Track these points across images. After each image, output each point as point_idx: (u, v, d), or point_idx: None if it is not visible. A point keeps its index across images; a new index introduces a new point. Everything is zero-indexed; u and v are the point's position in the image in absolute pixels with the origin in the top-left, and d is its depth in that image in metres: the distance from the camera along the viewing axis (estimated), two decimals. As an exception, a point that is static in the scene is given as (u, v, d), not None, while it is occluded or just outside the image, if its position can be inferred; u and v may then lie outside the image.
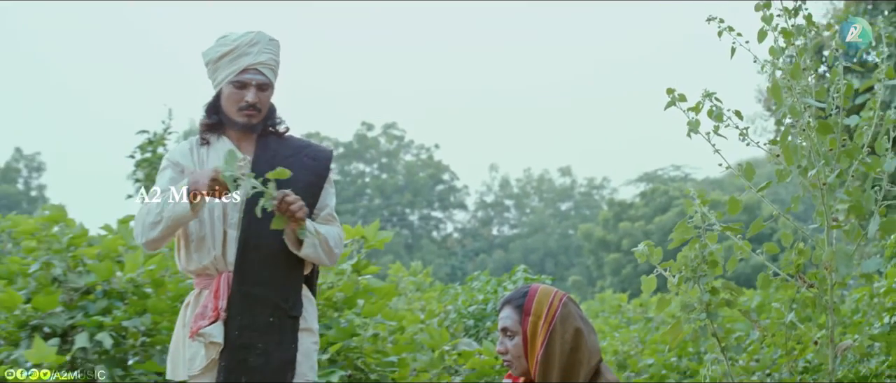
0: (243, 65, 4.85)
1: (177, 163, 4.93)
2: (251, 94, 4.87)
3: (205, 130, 4.98)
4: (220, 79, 4.88)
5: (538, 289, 4.38)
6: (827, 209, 5.57)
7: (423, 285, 15.91)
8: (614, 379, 4.28)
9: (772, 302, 9.15)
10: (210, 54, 4.91)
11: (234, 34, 4.92)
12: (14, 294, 7.90)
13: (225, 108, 4.92)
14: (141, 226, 4.73)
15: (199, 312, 4.78)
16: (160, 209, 4.65)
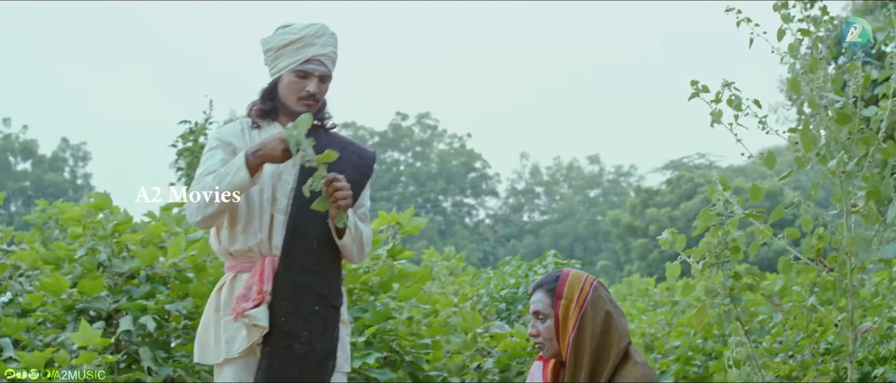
0: (308, 55, 4.86)
1: (229, 143, 4.90)
2: (313, 84, 4.89)
3: (259, 115, 4.97)
4: (282, 66, 4.88)
5: (570, 274, 4.48)
6: (846, 195, 5.65)
7: (456, 270, 15.98)
8: (642, 361, 4.36)
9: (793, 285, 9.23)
10: (273, 41, 4.91)
11: (299, 24, 4.92)
12: (61, 279, 8.03)
13: (283, 96, 4.92)
14: (196, 203, 4.70)
15: (243, 294, 4.73)
16: (216, 182, 4.64)
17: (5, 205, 72.46)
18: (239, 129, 4.97)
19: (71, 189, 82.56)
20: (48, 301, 8.20)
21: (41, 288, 8.14)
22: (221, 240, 4.90)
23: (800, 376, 7.89)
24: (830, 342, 8.50)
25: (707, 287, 6.21)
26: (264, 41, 4.95)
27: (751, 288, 6.17)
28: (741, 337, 6.32)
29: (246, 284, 4.75)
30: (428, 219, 10.85)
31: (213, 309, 4.88)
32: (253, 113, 4.97)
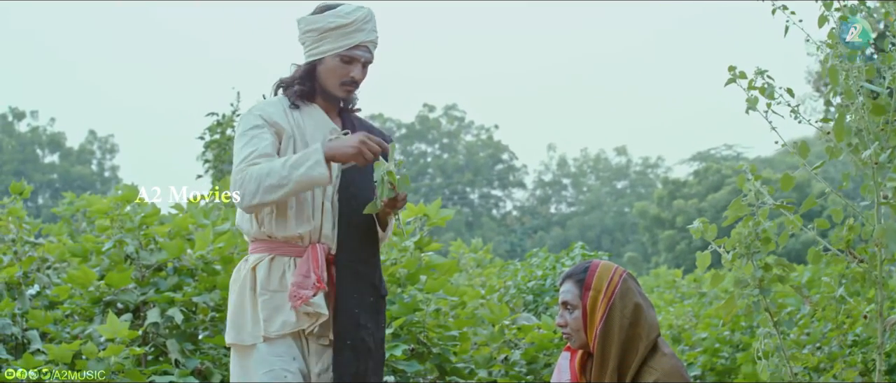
0: (357, 40, 4.75)
1: (275, 123, 4.72)
2: (357, 70, 4.79)
3: (298, 96, 4.82)
4: (326, 49, 4.73)
5: (599, 265, 4.48)
6: (877, 186, 5.63)
7: (483, 261, 16.01)
8: (671, 353, 4.36)
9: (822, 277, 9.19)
10: (318, 22, 4.74)
11: (346, 5, 4.79)
12: (88, 271, 8.05)
13: (323, 78, 4.79)
14: (256, 187, 4.49)
15: (299, 281, 4.59)
16: (288, 172, 4.48)
17: (33, 198, 72.78)
18: (282, 109, 4.79)
19: (98, 181, 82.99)
20: (76, 293, 8.24)
21: (69, 280, 8.18)
22: (264, 223, 4.72)
23: (827, 368, 7.86)
24: (858, 333, 8.47)
25: (736, 278, 6.20)
26: (306, 21, 4.79)
27: (780, 279, 6.16)
28: (770, 329, 6.32)
29: (300, 271, 4.63)
30: (455, 210, 10.81)
31: (249, 288, 4.71)
32: (292, 94, 4.83)
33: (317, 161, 4.47)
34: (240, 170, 4.57)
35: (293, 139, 4.72)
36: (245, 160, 4.59)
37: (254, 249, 4.79)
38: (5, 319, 7.93)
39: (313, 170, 4.47)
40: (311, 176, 4.48)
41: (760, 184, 6.13)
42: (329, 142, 4.62)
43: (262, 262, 4.70)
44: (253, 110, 4.78)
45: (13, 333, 8.00)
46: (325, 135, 4.75)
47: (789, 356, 6.31)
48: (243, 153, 4.62)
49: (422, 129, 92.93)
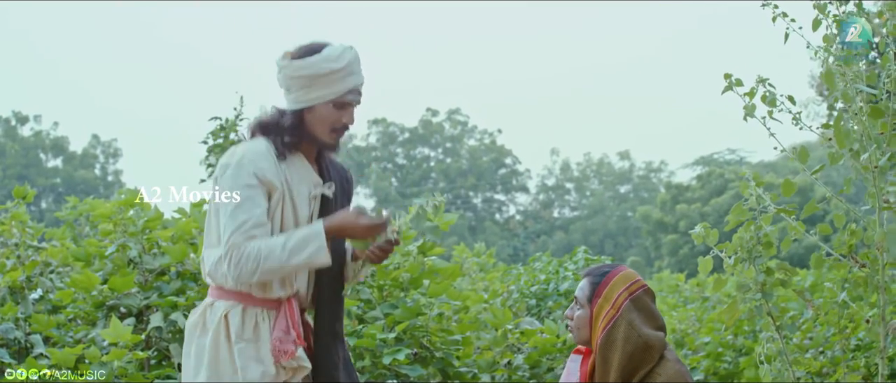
0: (350, 85, 4.51)
1: (268, 181, 4.42)
2: (349, 115, 4.57)
3: (287, 148, 4.53)
4: (316, 97, 4.48)
5: (617, 275, 4.46)
6: (878, 191, 5.63)
7: (486, 266, 16.02)
8: (675, 359, 4.35)
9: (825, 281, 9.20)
10: (310, 69, 4.45)
11: (334, 48, 4.51)
12: (91, 275, 8.04)
13: (312, 126, 4.53)
14: (254, 267, 4.29)
15: (281, 337, 4.45)
16: (288, 257, 4.31)
17: (36, 202, 72.85)
18: (273, 164, 4.47)
19: (101, 185, 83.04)
20: (79, 297, 8.24)
21: (72, 284, 8.18)
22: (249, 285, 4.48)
23: (830, 372, 7.87)
24: (861, 338, 8.47)
25: (739, 282, 6.21)
26: (293, 66, 4.49)
27: (782, 284, 6.17)
28: (772, 333, 6.32)
29: (280, 327, 4.49)
30: (458, 215, 10.81)
31: (224, 336, 4.47)
32: (281, 145, 4.54)
33: (319, 247, 4.34)
34: (236, 244, 4.32)
35: (282, 197, 4.50)
36: (240, 229, 4.33)
37: (221, 296, 4.54)
38: (8, 323, 7.94)
39: (315, 257, 4.35)
40: (311, 262, 4.36)
41: (762, 189, 6.14)
42: (329, 221, 4.44)
43: (234, 311, 4.49)
44: (244, 163, 4.44)
45: (16, 337, 8.01)
46: (310, 189, 4.60)
47: (792, 360, 6.31)
48: (237, 219, 4.34)
49: (425, 134, 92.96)
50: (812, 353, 8.02)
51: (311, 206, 4.59)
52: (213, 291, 4.58)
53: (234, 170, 4.42)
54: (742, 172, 6.30)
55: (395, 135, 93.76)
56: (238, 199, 4.37)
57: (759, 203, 6.09)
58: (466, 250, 15.95)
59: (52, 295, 8.76)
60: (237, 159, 4.42)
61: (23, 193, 10.18)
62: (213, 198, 4.50)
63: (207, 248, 4.53)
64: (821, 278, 10.30)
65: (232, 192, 4.39)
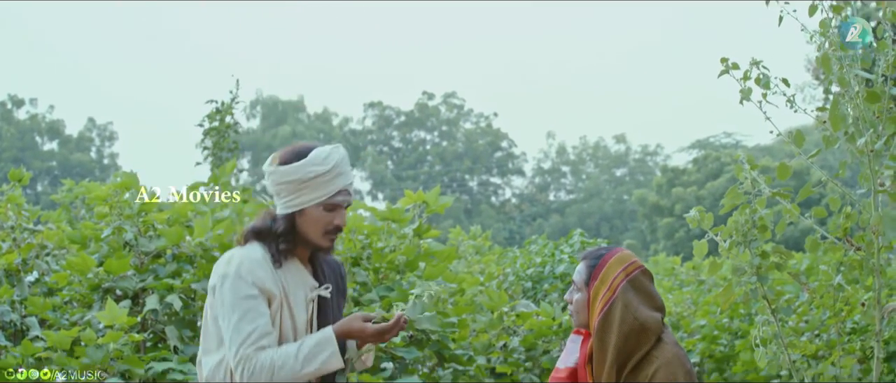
0: (339, 186, 4.47)
1: (266, 290, 4.37)
2: (341, 216, 4.51)
3: (283, 255, 4.48)
4: (306, 200, 4.45)
5: (613, 257, 4.44)
6: (874, 174, 5.64)
7: (482, 249, 16.02)
8: (672, 341, 4.35)
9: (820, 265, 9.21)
10: (298, 174, 4.43)
11: (321, 150, 4.48)
12: (87, 258, 8.03)
13: (305, 229, 4.49)
14: (268, 377, 4.25)
15: None
16: (301, 366, 4.28)
17: (32, 185, 72.85)
18: (269, 272, 4.43)
19: (97, 168, 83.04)
20: (75, 280, 8.24)
21: (68, 267, 8.18)
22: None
23: (826, 355, 7.88)
24: (857, 321, 8.49)
25: (734, 265, 6.21)
26: (280, 172, 4.47)
27: (778, 267, 6.17)
28: (768, 316, 6.33)
29: None
30: (454, 198, 10.82)
31: None
32: (276, 252, 4.48)
33: (332, 353, 4.32)
34: (247, 357, 4.26)
35: (280, 304, 4.44)
36: (248, 341, 4.27)
37: None
38: (4, 306, 7.95)
39: (328, 363, 4.31)
40: (325, 368, 4.32)
41: (757, 172, 6.14)
42: (338, 328, 4.40)
43: None
44: (241, 274, 4.37)
45: (12, 320, 8.02)
46: (306, 293, 4.54)
47: (787, 343, 6.33)
48: (243, 330, 4.29)
49: (421, 117, 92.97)
50: (807, 336, 8.04)
51: (308, 310, 4.56)
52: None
53: (233, 281, 4.35)
54: (737, 155, 6.29)
55: (391, 119, 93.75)
56: (241, 311, 4.32)
57: (754, 186, 6.10)
58: (462, 233, 15.97)
59: (47, 278, 8.76)
60: (234, 269, 4.35)
61: (18, 176, 10.19)
62: (212, 306, 4.45)
63: (205, 355, 4.48)
64: (816, 261, 10.31)
65: (233, 303, 4.33)
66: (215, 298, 4.40)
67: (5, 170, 26.80)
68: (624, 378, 4.26)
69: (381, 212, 9.18)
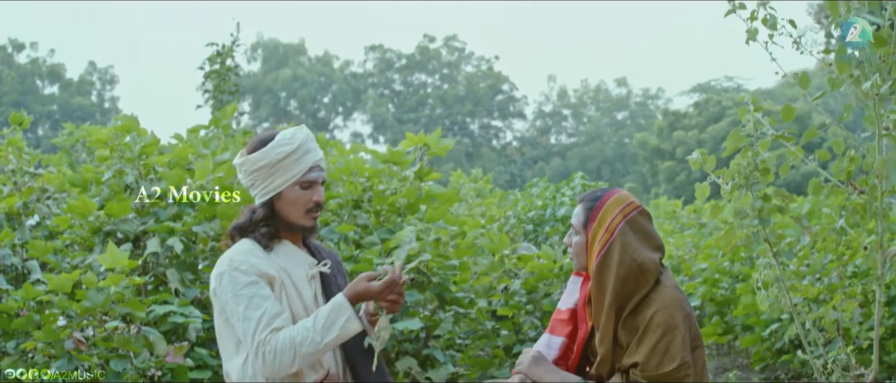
0: (310, 162, 4.53)
1: (264, 273, 4.40)
2: (318, 192, 4.56)
3: (267, 238, 4.54)
4: (281, 183, 4.49)
5: (610, 198, 4.42)
6: (878, 118, 5.62)
7: (483, 191, 16.05)
8: (672, 284, 4.33)
9: (822, 208, 9.19)
10: (267, 157, 4.49)
11: (284, 133, 4.56)
12: (88, 201, 8.03)
13: (285, 212, 4.54)
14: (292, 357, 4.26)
15: None
16: (322, 336, 4.27)
17: (32, 129, 72.83)
18: (262, 256, 4.50)
19: (98, 112, 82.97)
20: (75, 223, 8.25)
21: (68, 210, 8.18)
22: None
23: (827, 299, 7.88)
24: (858, 265, 8.49)
25: (736, 209, 6.20)
26: (250, 161, 4.53)
27: (780, 210, 6.16)
28: (769, 260, 6.33)
29: None
30: (455, 141, 10.80)
31: None
32: (261, 237, 4.54)
33: (348, 317, 4.31)
34: (264, 340, 4.28)
35: (282, 284, 4.48)
36: (260, 326, 4.30)
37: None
38: (5, 249, 7.94)
39: (347, 327, 4.31)
40: (346, 333, 4.33)
41: (761, 115, 6.12)
42: (346, 291, 4.40)
43: None
44: (235, 264, 4.43)
45: (13, 263, 8.02)
46: (306, 270, 4.56)
47: (789, 287, 6.33)
48: (252, 317, 4.31)
49: (422, 60, 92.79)
50: (809, 280, 8.03)
51: (312, 286, 4.57)
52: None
53: (229, 275, 4.40)
54: (740, 97, 6.26)
55: (392, 62, 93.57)
56: (245, 300, 4.34)
57: (757, 128, 6.07)
58: (463, 176, 16.00)
59: (48, 221, 8.76)
60: (227, 264, 4.39)
61: (19, 120, 10.17)
62: (219, 310, 4.46)
63: (227, 361, 4.50)
64: (818, 205, 10.30)
65: (235, 295, 4.36)
66: (219, 300, 4.43)
67: (6, 114, 26.79)
68: (622, 320, 4.26)
69: (382, 154, 9.17)
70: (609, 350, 4.29)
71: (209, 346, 7.88)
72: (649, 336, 4.16)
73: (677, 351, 4.12)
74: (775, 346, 10.39)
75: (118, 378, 6.87)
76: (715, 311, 12.22)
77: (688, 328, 4.20)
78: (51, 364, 6.89)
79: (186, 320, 7.42)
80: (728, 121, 56.93)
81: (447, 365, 8.39)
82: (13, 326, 6.99)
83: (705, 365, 4.32)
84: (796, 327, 6.51)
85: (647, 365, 4.13)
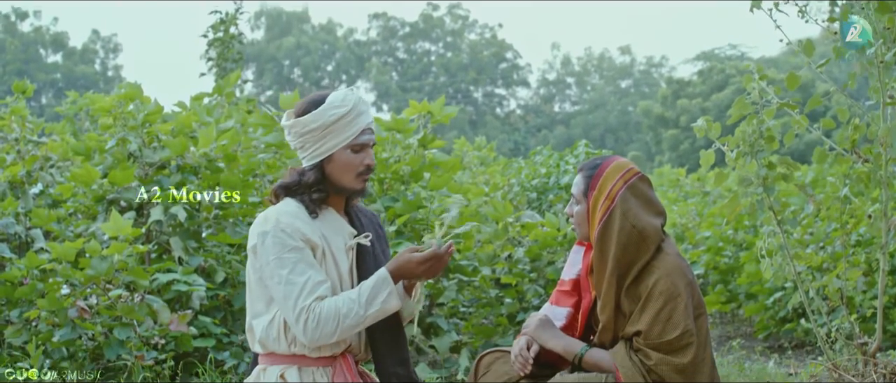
0: (362, 125, 4.43)
1: (308, 239, 4.35)
2: (369, 155, 4.47)
3: (317, 204, 4.47)
4: (332, 145, 4.40)
5: (610, 165, 4.41)
6: (883, 86, 5.61)
7: (487, 159, 16.05)
8: (675, 252, 4.34)
9: (827, 176, 9.19)
10: (320, 120, 4.40)
11: (336, 94, 4.46)
12: (92, 169, 8.05)
13: (337, 176, 4.45)
14: (335, 327, 4.25)
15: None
16: (364, 309, 4.27)
17: (36, 98, 72.86)
18: (307, 221, 4.42)
19: (102, 81, 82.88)
20: (79, 191, 8.26)
21: (72, 179, 8.19)
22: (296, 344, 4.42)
23: (831, 267, 7.88)
24: (862, 234, 8.48)
25: (740, 176, 6.19)
26: (302, 122, 4.43)
27: (784, 178, 6.15)
28: (773, 228, 6.32)
29: None
30: (458, 109, 10.77)
31: None
32: (310, 203, 4.46)
33: (390, 292, 4.29)
34: (308, 307, 4.24)
35: (323, 253, 4.41)
36: (304, 292, 4.26)
37: (274, 361, 4.48)
38: (9, 218, 7.96)
39: (387, 304, 4.29)
40: (386, 309, 4.30)
41: (766, 83, 6.10)
42: (389, 266, 4.36)
43: (290, 371, 4.43)
44: (282, 226, 4.35)
45: (17, 232, 8.03)
46: (345, 240, 4.49)
47: (792, 255, 6.32)
48: (296, 283, 4.27)
49: (425, 28, 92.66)
50: (813, 248, 8.03)
51: (349, 258, 4.53)
52: (264, 358, 4.51)
53: (274, 236, 4.34)
54: (745, 65, 6.24)
55: (395, 30, 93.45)
56: (290, 264, 4.31)
57: (761, 96, 6.06)
58: (467, 144, 15.98)
59: (52, 190, 8.78)
60: (273, 225, 4.32)
61: (22, 88, 10.18)
62: (254, 268, 4.42)
63: (254, 318, 4.48)
64: (823, 173, 10.29)
65: (279, 258, 4.32)
66: (258, 258, 4.37)
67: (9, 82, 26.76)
68: (625, 288, 4.25)
69: (386, 122, 9.16)
70: (611, 317, 4.29)
71: (213, 315, 7.89)
72: (652, 304, 4.16)
73: (680, 319, 4.11)
74: (779, 315, 10.39)
75: (121, 346, 6.89)
76: (718, 280, 12.22)
77: (690, 296, 4.20)
78: (54, 332, 6.91)
79: (190, 288, 7.43)
80: (732, 90, 56.81)
81: (451, 332, 8.41)
82: (17, 295, 7.01)
83: (708, 334, 4.31)
84: (800, 295, 6.50)
85: (649, 333, 4.13)
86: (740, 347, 10.00)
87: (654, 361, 4.13)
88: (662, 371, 4.13)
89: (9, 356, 6.93)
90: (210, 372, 7.20)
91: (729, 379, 8.16)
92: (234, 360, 7.52)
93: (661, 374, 4.13)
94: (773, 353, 9.96)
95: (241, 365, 7.52)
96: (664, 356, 4.12)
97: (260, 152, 9.00)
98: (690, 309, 4.17)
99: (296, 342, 4.38)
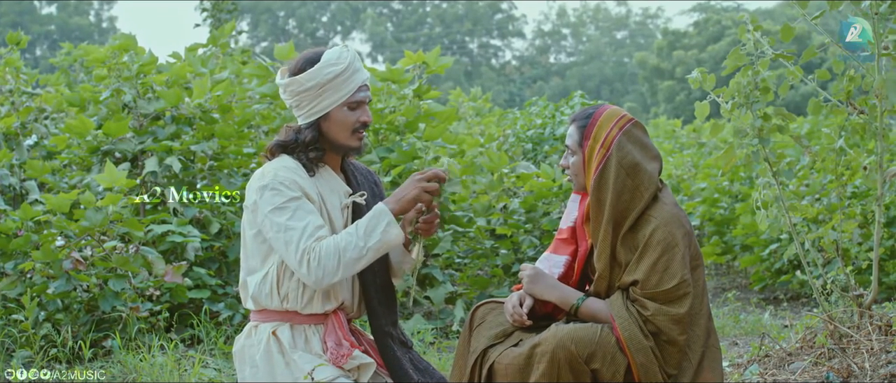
0: (358, 82, 4.48)
1: (306, 191, 4.40)
2: (366, 112, 4.52)
3: (314, 162, 4.52)
4: (329, 103, 4.45)
5: (603, 114, 4.40)
6: (878, 37, 5.60)
7: (482, 110, 16.01)
8: (672, 202, 4.34)
9: (822, 128, 9.18)
10: (316, 78, 4.43)
11: (331, 52, 4.49)
12: (86, 120, 8.04)
13: (333, 134, 4.51)
14: (336, 263, 4.27)
15: (334, 348, 4.45)
16: (364, 242, 4.28)
17: (30, 49, 72.67)
18: (306, 179, 4.47)
19: (96, 32, 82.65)
20: (74, 143, 8.26)
21: (67, 130, 8.19)
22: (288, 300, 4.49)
23: (826, 219, 7.89)
24: (858, 185, 8.49)
25: (735, 128, 6.18)
26: (298, 81, 4.45)
27: (780, 130, 6.13)
28: (769, 179, 6.31)
29: (332, 339, 4.49)
30: (454, 59, 10.74)
31: (277, 350, 4.50)
32: (307, 161, 4.51)
33: (389, 222, 4.33)
34: (309, 248, 4.28)
35: (319, 209, 4.46)
36: (305, 235, 4.30)
37: (266, 318, 4.54)
38: (3, 170, 7.96)
39: (389, 234, 4.32)
40: (387, 240, 4.32)
41: (760, 34, 6.08)
42: (387, 199, 4.44)
43: (282, 327, 4.50)
44: (279, 179, 4.39)
45: (11, 184, 8.03)
46: (341, 199, 4.56)
47: (788, 206, 6.31)
48: (296, 227, 4.31)
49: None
50: (808, 200, 8.04)
51: (344, 216, 4.57)
52: (256, 316, 4.57)
53: (272, 190, 4.38)
54: (740, 17, 6.23)
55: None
56: (289, 211, 4.34)
57: (757, 48, 6.04)
58: (462, 95, 15.94)
59: (46, 141, 8.77)
60: (271, 178, 4.37)
61: (16, 39, 10.15)
62: (250, 223, 4.47)
63: (249, 274, 4.53)
64: (818, 124, 10.30)
65: (279, 207, 4.35)
66: (256, 214, 4.42)
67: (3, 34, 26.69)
68: (621, 236, 4.26)
69: (381, 72, 9.15)
70: (607, 265, 4.30)
71: (207, 266, 7.90)
72: (649, 253, 4.17)
73: (677, 269, 4.12)
74: (774, 266, 10.42)
75: (116, 297, 6.90)
76: (714, 231, 12.24)
77: (687, 246, 4.21)
78: (49, 284, 6.91)
79: (185, 239, 7.43)
80: (728, 41, 56.70)
81: (446, 283, 8.42)
82: (11, 247, 7.01)
83: (705, 285, 4.32)
84: (795, 247, 6.50)
85: (646, 283, 4.14)
86: (736, 299, 10.02)
87: (650, 311, 4.14)
88: (659, 321, 4.14)
89: (3, 308, 6.94)
90: (205, 324, 7.22)
91: (724, 331, 8.18)
92: (229, 311, 7.54)
93: (658, 324, 4.14)
94: (769, 305, 9.99)
95: (236, 317, 7.55)
96: (661, 305, 4.13)
97: (254, 103, 9.00)
98: (687, 259, 4.18)
99: (288, 298, 4.45)
